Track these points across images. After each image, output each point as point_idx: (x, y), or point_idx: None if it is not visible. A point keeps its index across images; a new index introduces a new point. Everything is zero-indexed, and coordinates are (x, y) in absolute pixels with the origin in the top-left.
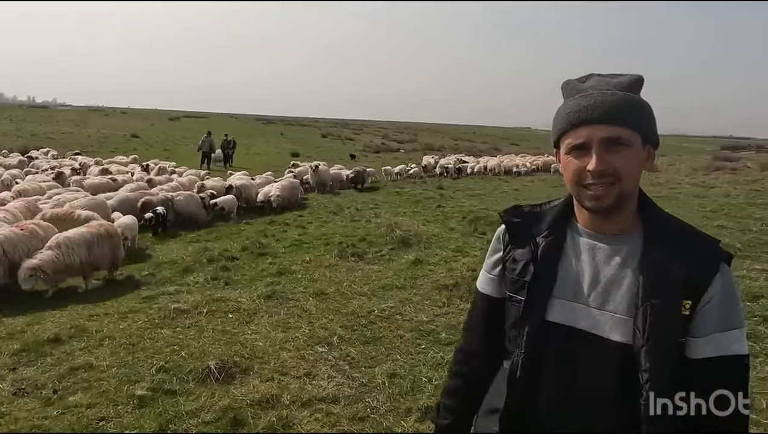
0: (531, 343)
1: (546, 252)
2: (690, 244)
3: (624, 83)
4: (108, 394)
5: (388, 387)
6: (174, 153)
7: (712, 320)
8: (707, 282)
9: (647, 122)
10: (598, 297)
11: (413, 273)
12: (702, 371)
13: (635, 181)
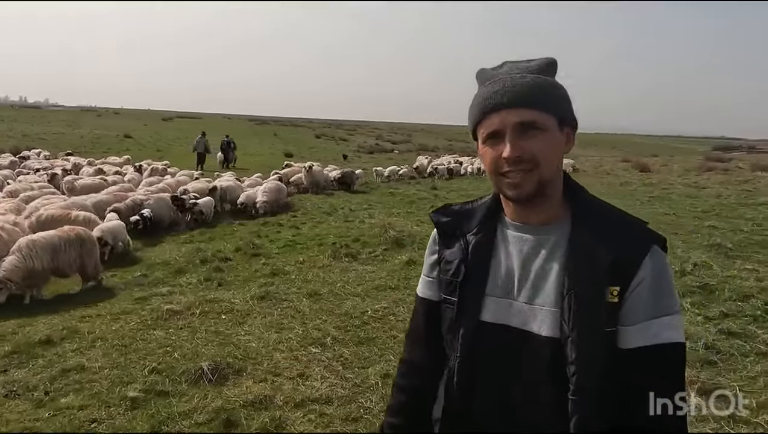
0: (467, 346)
1: (476, 250)
2: (617, 228)
3: (534, 67)
4: (100, 396)
5: (381, 387)
6: (167, 153)
7: (643, 306)
8: (636, 266)
9: (562, 104)
10: (528, 291)
11: (407, 273)
12: (633, 362)
13: (555, 166)
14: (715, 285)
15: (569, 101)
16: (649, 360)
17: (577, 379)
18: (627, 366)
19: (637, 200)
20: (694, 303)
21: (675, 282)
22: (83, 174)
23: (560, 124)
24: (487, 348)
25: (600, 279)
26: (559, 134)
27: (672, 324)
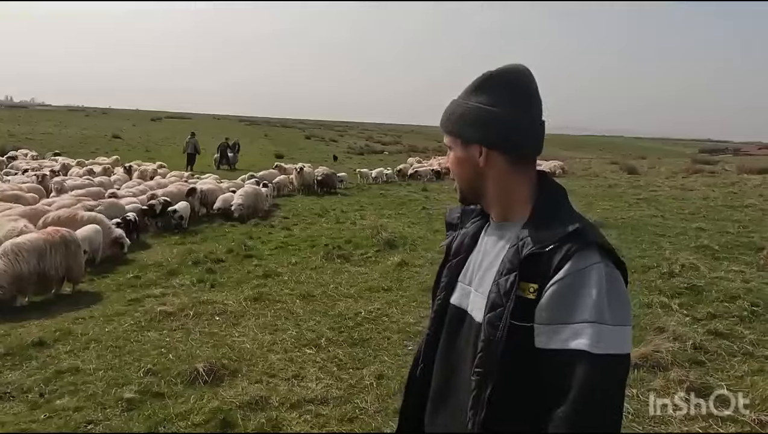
0: (436, 320)
1: (461, 242)
2: (553, 229)
3: (469, 86)
4: (95, 397)
5: (376, 388)
6: (157, 154)
7: (552, 308)
8: (557, 268)
9: (461, 125)
10: (479, 279)
11: (399, 275)
12: (540, 362)
13: (461, 178)
14: (702, 286)
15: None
16: (551, 363)
17: (479, 358)
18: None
19: (626, 202)
20: (682, 304)
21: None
22: (72, 175)
23: (465, 143)
24: (448, 328)
25: (514, 272)
26: (462, 152)
27: (582, 332)
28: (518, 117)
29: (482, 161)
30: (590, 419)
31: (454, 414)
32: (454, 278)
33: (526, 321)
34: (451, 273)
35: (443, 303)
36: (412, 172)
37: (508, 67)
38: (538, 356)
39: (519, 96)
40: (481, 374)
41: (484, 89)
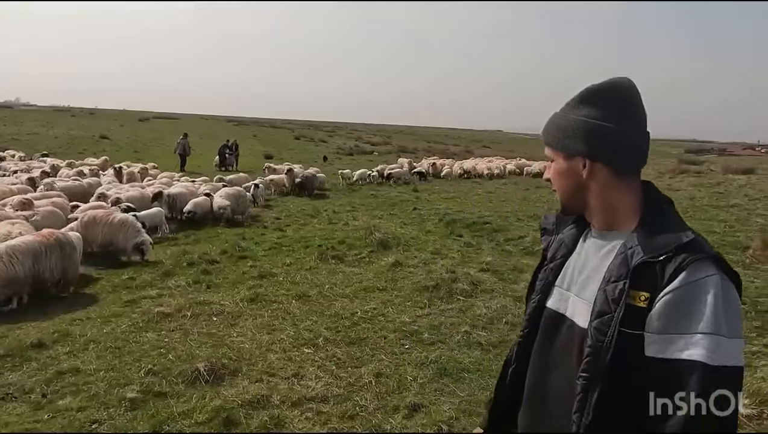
0: (529, 325)
1: (558, 246)
2: (665, 240)
3: (571, 99)
4: (98, 397)
5: (374, 386)
6: (145, 154)
7: (666, 318)
8: (670, 277)
9: (565, 139)
10: (580, 285)
11: (393, 275)
12: (651, 370)
13: (563, 189)
14: None
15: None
16: (668, 373)
17: (585, 363)
18: (647, 371)
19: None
20: None
21: None
22: (62, 176)
23: (567, 156)
24: (544, 330)
25: (625, 280)
26: (564, 164)
27: (696, 343)
28: (622, 129)
29: (585, 173)
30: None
31: (551, 414)
32: (551, 282)
33: (636, 328)
34: (548, 277)
35: (538, 307)
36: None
37: (612, 80)
38: (648, 364)
39: (623, 108)
40: (588, 379)
41: (587, 103)
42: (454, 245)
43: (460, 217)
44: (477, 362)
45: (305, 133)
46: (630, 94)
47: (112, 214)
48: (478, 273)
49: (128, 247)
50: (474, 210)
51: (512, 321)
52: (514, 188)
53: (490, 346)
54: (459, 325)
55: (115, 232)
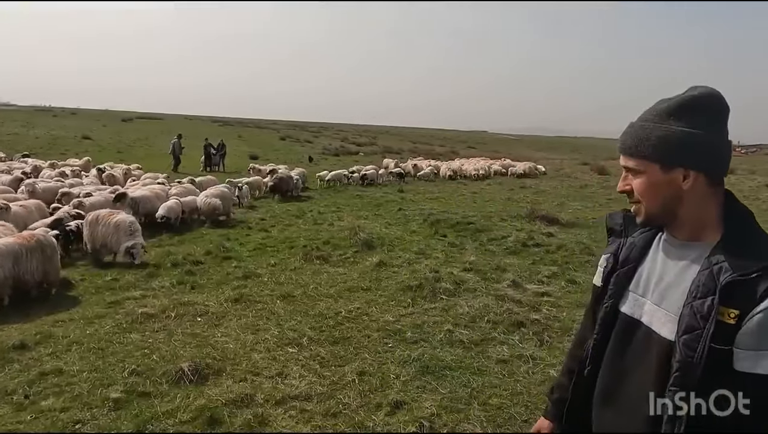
0: (603, 327)
1: (629, 250)
2: (755, 257)
3: (660, 110)
4: (81, 398)
5: (358, 384)
6: (128, 155)
7: (757, 335)
8: (762, 296)
9: (664, 150)
10: (659, 294)
11: (378, 275)
12: (741, 384)
13: (656, 201)
14: None
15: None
16: (754, 387)
17: (675, 377)
18: (737, 386)
19: (596, 202)
20: None
21: None
22: (43, 177)
23: (666, 168)
24: (618, 334)
25: (713, 297)
26: (661, 175)
27: None
28: (718, 139)
29: (687, 184)
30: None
31: (625, 412)
32: (624, 287)
33: (725, 344)
34: (620, 281)
35: (612, 311)
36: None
37: (705, 91)
38: (739, 379)
39: (717, 119)
40: (677, 392)
41: (684, 114)
42: (438, 245)
43: (445, 218)
44: (459, 360)
45: (291, 133)
46: (722, 104)
47: (112, 215)
48: (461, 272)
49: (119, 250)
50: (458, 210)
51: (494, 319)
52: (498, 188)
53: (471, 344)
54: (442, 324)
55: (111, 234)
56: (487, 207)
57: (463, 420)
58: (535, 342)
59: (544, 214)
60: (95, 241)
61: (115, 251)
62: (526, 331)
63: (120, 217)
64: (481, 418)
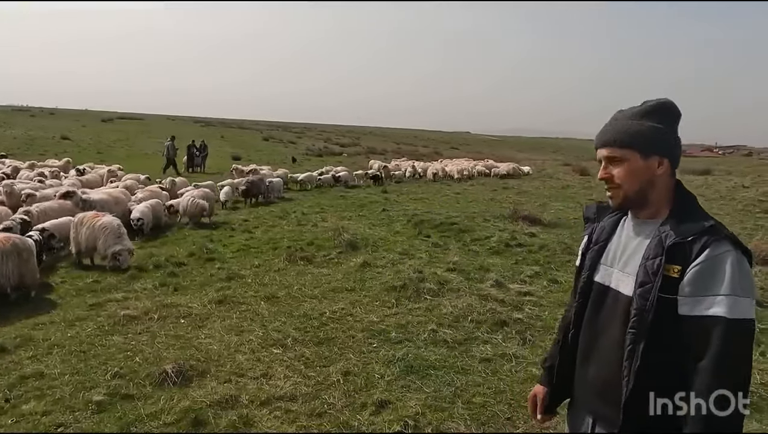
0: (581, 297)
1: (600, 232)
2: (693, 226)
3: (636, 112)
4: (63, 401)
5: (343, 384)
6: (108, 156)
7: (695, 284)
8: (697, 253)
9: (645, 141)
10: (623, 262)
11: (362, 275)
12: (685, 327)
13: (635, 185)
14: None
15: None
16: (696, 328)
17: (633, 321)
18: (683, 329)
19: (578, 202)
20: None
21: None
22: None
23: (645, 155)
24: (593, 300)
25: (660, 256)
26: (641, 162)
27: (721, 302)
28: (677, 136)
29: (660, 170)
30: (729, 368)
31: (602, 365)
32: (597, 261)
33: (670, 294)
34: (594, 257)
35: (588, 281)
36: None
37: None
38: (681, 321)
39: (675, 121)
40: (635, 333)
41: (653, 114)
42: (422, 245)
43: (428, 218)
44: (443, 359)
45: (274, 134)
46: (676, 110)
47: (97, 217)
48: (445, 272)
49: (107, 253)
50: (442, 211)
51: (477, 319)
52: (481, 189)
53: (455, 344)
54: (426, 324)
55: (97, 237)
56: (471, 207)
57: (447, 419)
58: (518, 341)
59: (526, 214)
60: (79, 244)
61: (100, 254)
62: (509, 330)
63: (106, 219)
64: (465, 417)
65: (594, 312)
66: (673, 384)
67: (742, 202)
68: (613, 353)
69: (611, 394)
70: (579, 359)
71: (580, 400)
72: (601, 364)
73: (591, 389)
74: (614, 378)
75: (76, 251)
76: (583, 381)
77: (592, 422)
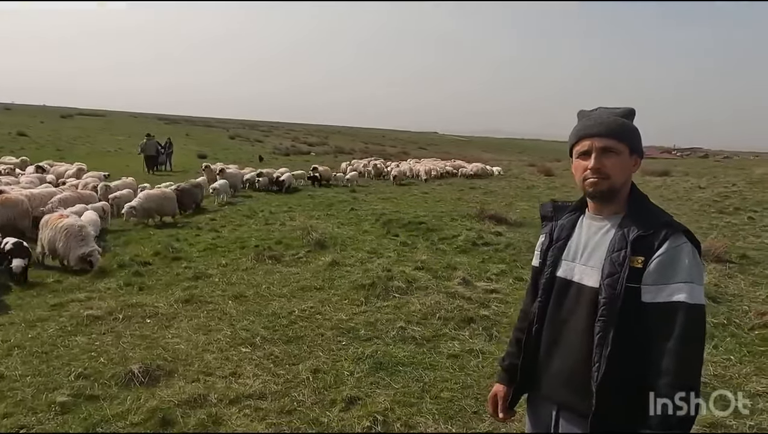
0: (545, 292)
1: (560, 230)
2: (652, 221)
3: (619, 112)
4: (25, 403)
5: (312, 381)
6: (69, 153)
7: (657, 273)
8: (658, 245)
9: (633, 139)
10: (586, 256)
11: (331, 274)
12: (648, 313)
13: (622, 178)
14: None
15: (639, 139)
16: (658, 313)
17: (602, 310)
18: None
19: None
20: None
21: None
22: None
23: (631, 152)
24: (556, 294)
25: (625, 248)
26: (628, 158)
27: (681, 289)
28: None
29: (635, 168)
30: (690, 348)
31: (567, 356)
32: (558, 258)
33: (635, 283)
34: (555, 254)
35: (551, 277)
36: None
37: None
38: (645, 308)
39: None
40: (606, 321)
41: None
42: (391, 244)
43: (397, 217)
44: (411, 356)
45: (240, 132)
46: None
47: (60, 218)
48: (413, 271)
49: (71, 257)
50: (410, 210)
51: (445, 316)
52: (448, 189)
53: (424, 340)
54: (394, 321)
55: (58, 239)
56: (438, 207)
57: (415, 414)
58: (485, 337)
59: (493, 213)
60: (44, 246)
61: (64, 257)
62: (476, 327)
63: (68, 221)
64: (433, 411)
65: (557, 306)
66: (639, 368)
67: (698, 202)
68: (579, 343)
69: (576, 383)
70: (543, 352)
71: (544, 392)
72: (566, 355)
73: (556, 380)
74: (580, 367)
75: (41, 253)
76: (547, 373)
77: (556, 411)
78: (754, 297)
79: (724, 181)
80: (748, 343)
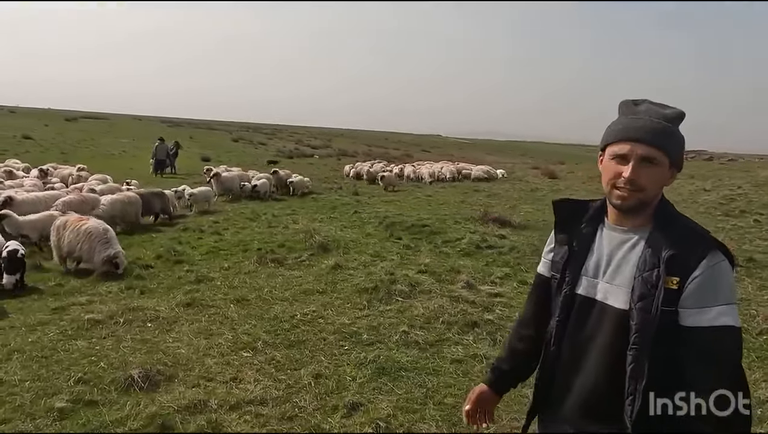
0: (563, 311)
1: (580, 241)
2: (685, 235)
3: (668, 115)
4: (24, 408)
5: (314, 387)
6: (73, 156)
7: (696, 296)
8: (695, 265)
9: (677, 150)
10: (610, 273)
11: (333, 277)
12: (687, 338)
13: (656, 192)
14: None
15: (682, 150)
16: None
17: (635, 337)
18: (684, 340)
19: (547, 205)
20: None
21: None
22: None
23: (671, 164)
24: (576, 313)
25: (659, 268)
26: (667, 171)
27: (721, 313)
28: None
29: (671, 181)
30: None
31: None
32: (578, 273)
33: (671, 306)
34: (575, 269)
35: (570, 295)
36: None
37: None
38: (684, 333)
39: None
40: (638, 349)
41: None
42: (394, 247)
43: (400, 220)
44: (414, 361)
45: (244, 135)
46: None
47: (81, 220)
48: (416, 274)
49: (95, 261)
50: (413, 213)
51: (449, 320)
52: (452, 191)
53: (427, 345)
54: (397, 325)
55: (80, 242)
56: (441, 210)
57: (418, 420)
58: (489, 342)
59: (496, 216)
60: (61, 249)
61: (86, 261)
62: (480, 331)
63: (91, 223)
64: (437, 418)
65: (578, 326)
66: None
67: (703, 204)
68: (603, 367)
69: (599, 408)
70: (561, 373)
71: (560, 414)
72: (587, 377)
73: (575, 403)
74: (601, 390)
75: (57, 256)
76: (565, 395)
77: None
78: (761, 301)
79: (730, 183)
80: (756, 348)
